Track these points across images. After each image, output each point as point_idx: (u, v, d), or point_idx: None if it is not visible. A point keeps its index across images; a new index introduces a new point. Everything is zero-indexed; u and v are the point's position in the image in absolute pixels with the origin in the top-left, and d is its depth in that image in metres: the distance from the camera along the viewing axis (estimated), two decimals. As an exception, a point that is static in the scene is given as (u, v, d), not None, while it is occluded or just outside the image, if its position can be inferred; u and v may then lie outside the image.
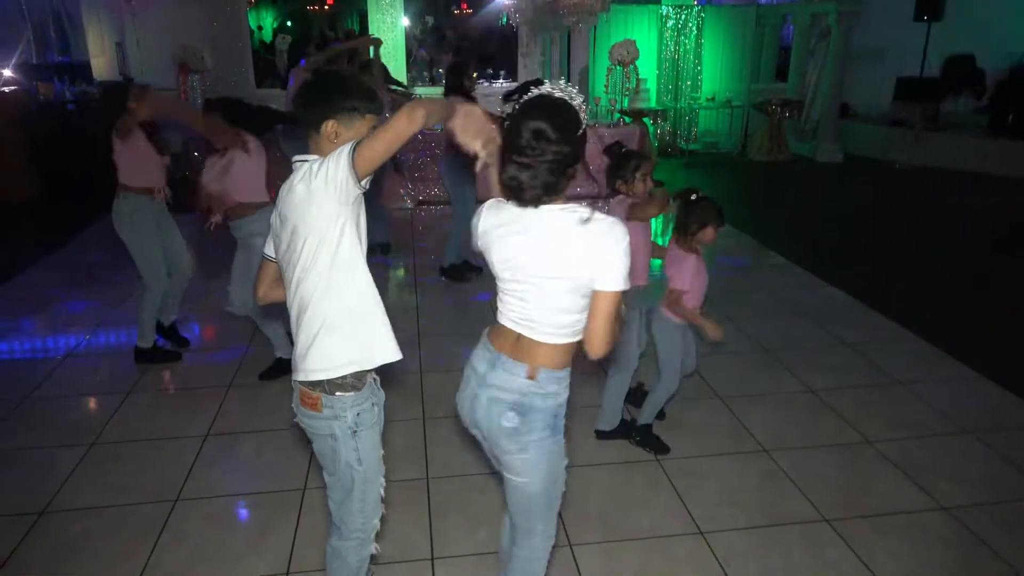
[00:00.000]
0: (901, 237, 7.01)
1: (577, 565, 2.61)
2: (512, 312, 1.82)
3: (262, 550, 2.68)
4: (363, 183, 1.74)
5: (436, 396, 3.81)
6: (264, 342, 4.15)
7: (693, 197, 3.10)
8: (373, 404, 1.98)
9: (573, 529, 2.80)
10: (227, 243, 3.99)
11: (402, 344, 1.97)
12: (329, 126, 1.84)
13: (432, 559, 2.64)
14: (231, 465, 3.23)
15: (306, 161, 1.82)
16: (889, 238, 6.97)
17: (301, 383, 1.92)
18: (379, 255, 6.10)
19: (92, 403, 3.79)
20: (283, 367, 3.95)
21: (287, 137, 5.93)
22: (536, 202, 1.72)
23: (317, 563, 2.61)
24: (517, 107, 1.71)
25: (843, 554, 2.67)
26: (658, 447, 3.34)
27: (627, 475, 3.16)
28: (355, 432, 1.93)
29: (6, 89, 7.88)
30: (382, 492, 2.08)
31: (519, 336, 1.81)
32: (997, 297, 5.33)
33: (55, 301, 5.21)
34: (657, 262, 3.43)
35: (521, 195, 1.71)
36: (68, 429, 3.52)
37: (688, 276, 3.11)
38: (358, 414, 1.93)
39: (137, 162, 3.84)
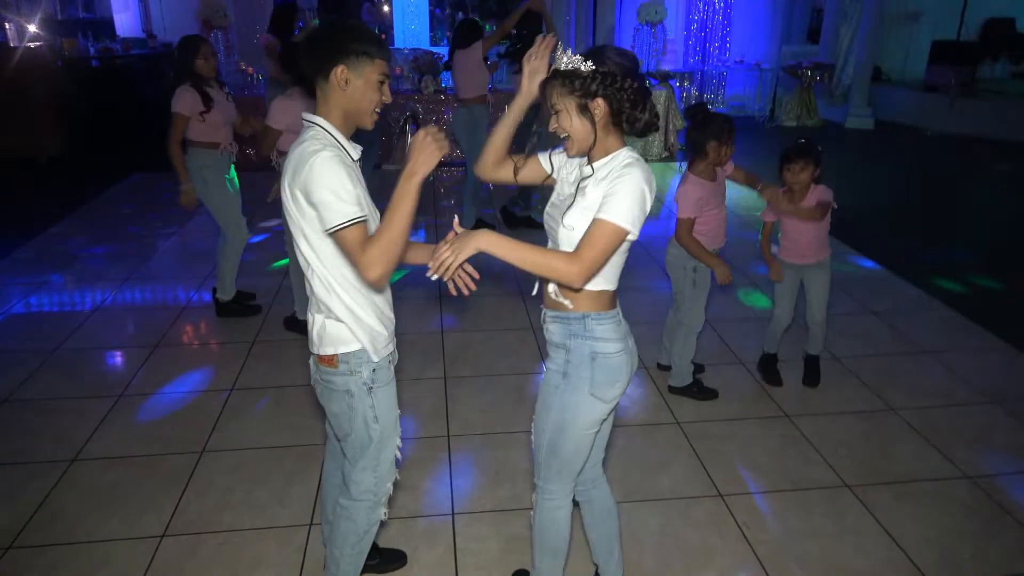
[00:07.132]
0: (932, 206, 6.86)
1: (596, 523, 2.63)
2: None
3: (287, 501, 2.73)
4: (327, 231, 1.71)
5: (457, 355, 3.82)
6: (287, 299, 4.18)
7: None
8: (389, 362, 1.97)
9: (593, 488, 2.81)
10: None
11: (424, 305, 1.95)
12: (339, 72, 1.74)
13: (453, 514, 2.67)
14: (256, 419, 3.28)
15: (314, 124, 1.78)
16: (920, 207, 6.82)
17: None
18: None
19: (119, 356, 3.86)
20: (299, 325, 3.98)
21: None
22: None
23: (340, 515, 2.65)
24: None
25: (864, 519, 2.66)
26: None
27: (647, 437, 3.16)
28: (371, 389, 1.91)
29: (31, 45, 7.86)
30: (398, 454, 2.04)
31: None
32: (1029, 267, 5.22)
33: (82, 257, 5.28)
34: None
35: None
36: (97, 381, 3.59)
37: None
38: (374, 370, 1.90)
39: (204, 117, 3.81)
